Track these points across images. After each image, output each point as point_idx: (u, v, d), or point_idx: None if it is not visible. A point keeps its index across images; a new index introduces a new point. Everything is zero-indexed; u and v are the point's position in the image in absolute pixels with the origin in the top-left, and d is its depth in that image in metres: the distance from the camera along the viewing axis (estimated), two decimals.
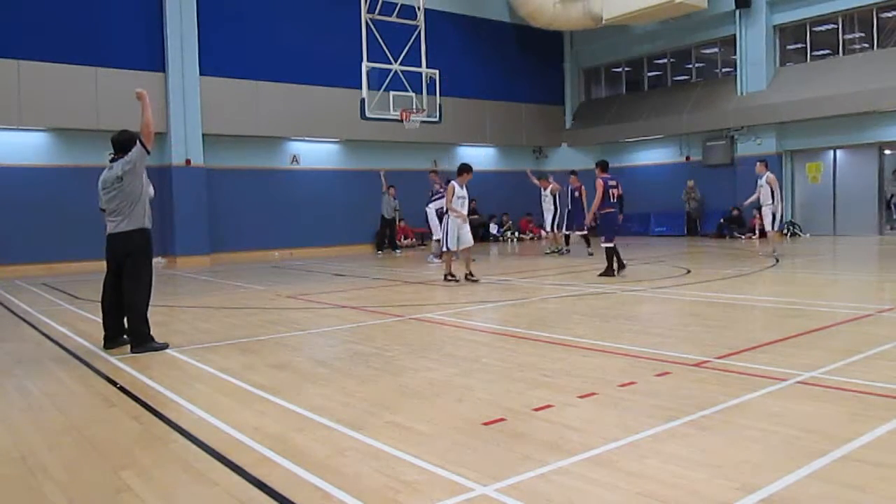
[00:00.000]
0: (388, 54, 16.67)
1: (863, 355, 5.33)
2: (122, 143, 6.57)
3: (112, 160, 6.58)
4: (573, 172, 17.10)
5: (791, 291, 9.56)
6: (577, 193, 16.21)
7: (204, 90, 18.00)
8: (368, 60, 16.22)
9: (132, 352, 6.45)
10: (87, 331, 7.70)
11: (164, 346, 6.56)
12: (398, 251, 18.99)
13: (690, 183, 22.04)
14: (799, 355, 5.47)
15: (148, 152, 6.37)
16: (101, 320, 6.76)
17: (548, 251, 17.08)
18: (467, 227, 11.41)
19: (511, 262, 16.37)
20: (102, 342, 6.69)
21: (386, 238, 19.11)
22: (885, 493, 2.92)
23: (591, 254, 15.77)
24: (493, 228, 23.78)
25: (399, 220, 19.93)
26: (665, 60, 24.08)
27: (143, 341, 6.49)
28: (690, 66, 23.40)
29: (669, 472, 3.17)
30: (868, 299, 8.45)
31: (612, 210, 11.69)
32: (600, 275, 11.41)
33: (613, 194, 11.67)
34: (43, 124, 16.42)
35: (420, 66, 17.14)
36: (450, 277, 11.40)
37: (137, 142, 6.43)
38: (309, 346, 6.84)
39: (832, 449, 3.37)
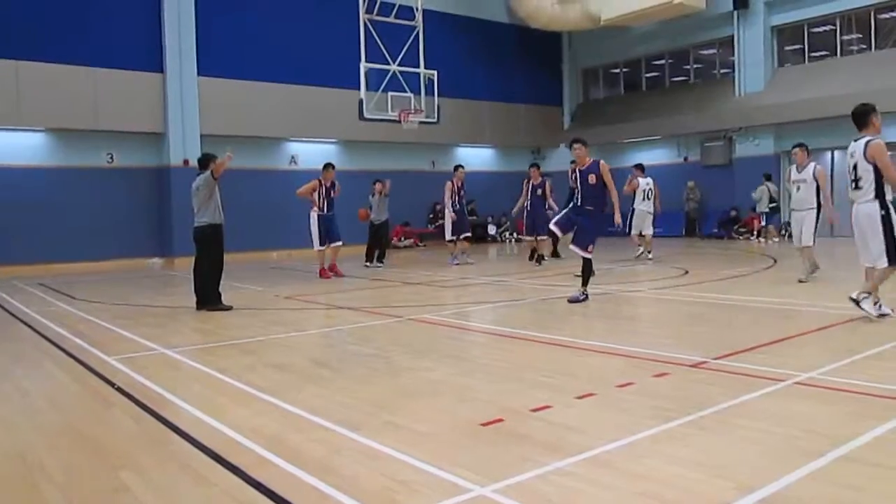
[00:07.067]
0: (387, 55, 16.66)
1: (861, 355, 5.33)
2: (201, 162, 9.07)
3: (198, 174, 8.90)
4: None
5: (789, 292, 9.56)
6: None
7: (202, 91, 17.97)
8: (367, 61, 16.20)
9: (198, 309, 8.76)
10: (85, 331, 7.68)
11: (229, 308, 8.76)
12: (381, 263, 15.27)
13: (691, 184, 22.02)
14: (797, 356, 5.47)
15: (215, 180, 8.76)
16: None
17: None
18: None
19: (510, 262, 16.38)
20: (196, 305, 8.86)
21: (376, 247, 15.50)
22: (883, 493, 2.93)
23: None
24: (492, 229, 23.75)
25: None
26: (663, 61, 24.07)
27: (212, 302, 8.79)
28: (689, 66, 23.40)
29: (668, 473, 3.17)
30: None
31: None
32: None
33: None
34: (42, 124, 16.39)
35: (418, 66, 17.12)
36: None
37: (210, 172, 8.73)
38: (308, 346, 6.84)
39: (831, 449, 3.37)
